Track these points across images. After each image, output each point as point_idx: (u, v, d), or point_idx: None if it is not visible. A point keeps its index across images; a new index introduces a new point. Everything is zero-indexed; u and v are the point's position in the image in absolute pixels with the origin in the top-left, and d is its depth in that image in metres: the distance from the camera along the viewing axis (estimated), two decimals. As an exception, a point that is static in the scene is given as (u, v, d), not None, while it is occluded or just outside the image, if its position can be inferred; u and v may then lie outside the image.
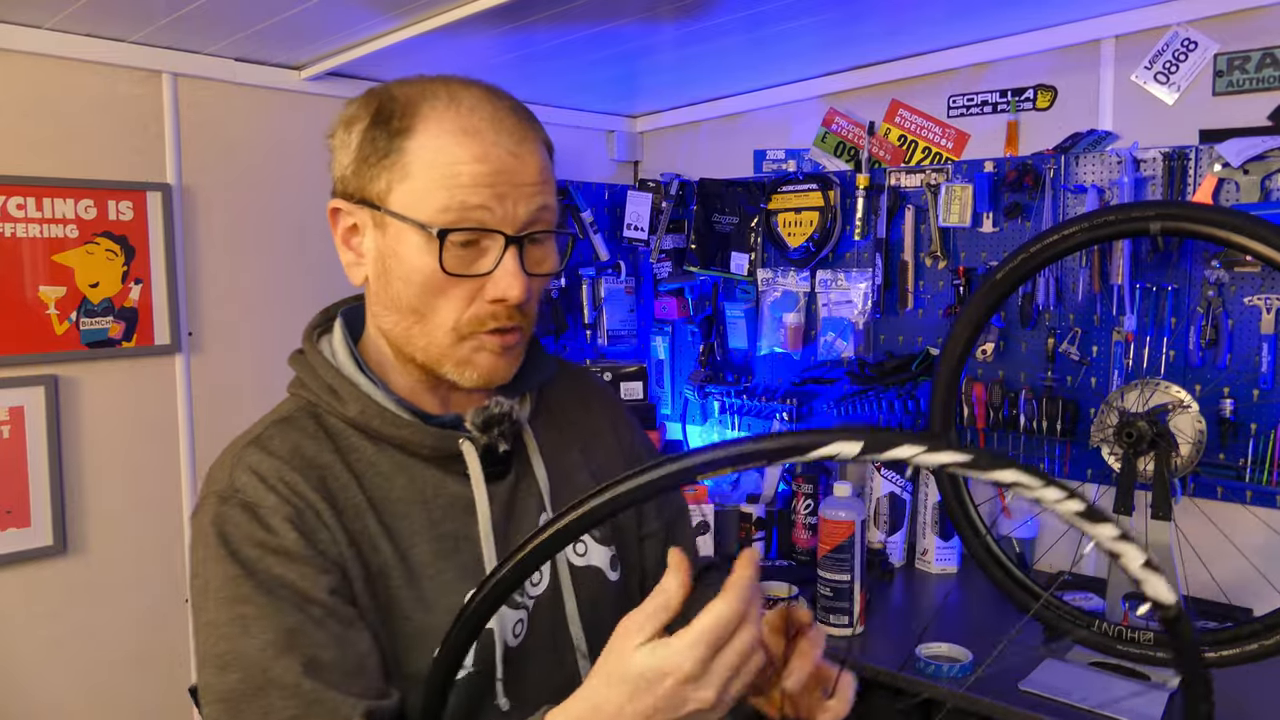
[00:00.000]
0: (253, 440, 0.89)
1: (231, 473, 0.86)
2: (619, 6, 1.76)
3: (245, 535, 0.82)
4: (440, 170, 0.84)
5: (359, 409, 0.90)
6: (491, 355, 0.90)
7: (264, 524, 0.83)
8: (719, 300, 2.74)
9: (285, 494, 0.84)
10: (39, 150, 1.81)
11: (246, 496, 0.84)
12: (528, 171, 0.87)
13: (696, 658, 0.68)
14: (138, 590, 1.97)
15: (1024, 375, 2.16)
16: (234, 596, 0.80)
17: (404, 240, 0.87)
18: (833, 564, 1.80)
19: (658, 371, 2.89)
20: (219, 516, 0.84)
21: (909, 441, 0.61)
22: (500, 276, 0.86)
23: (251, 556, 0.82)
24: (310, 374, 0.94)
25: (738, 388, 2.61)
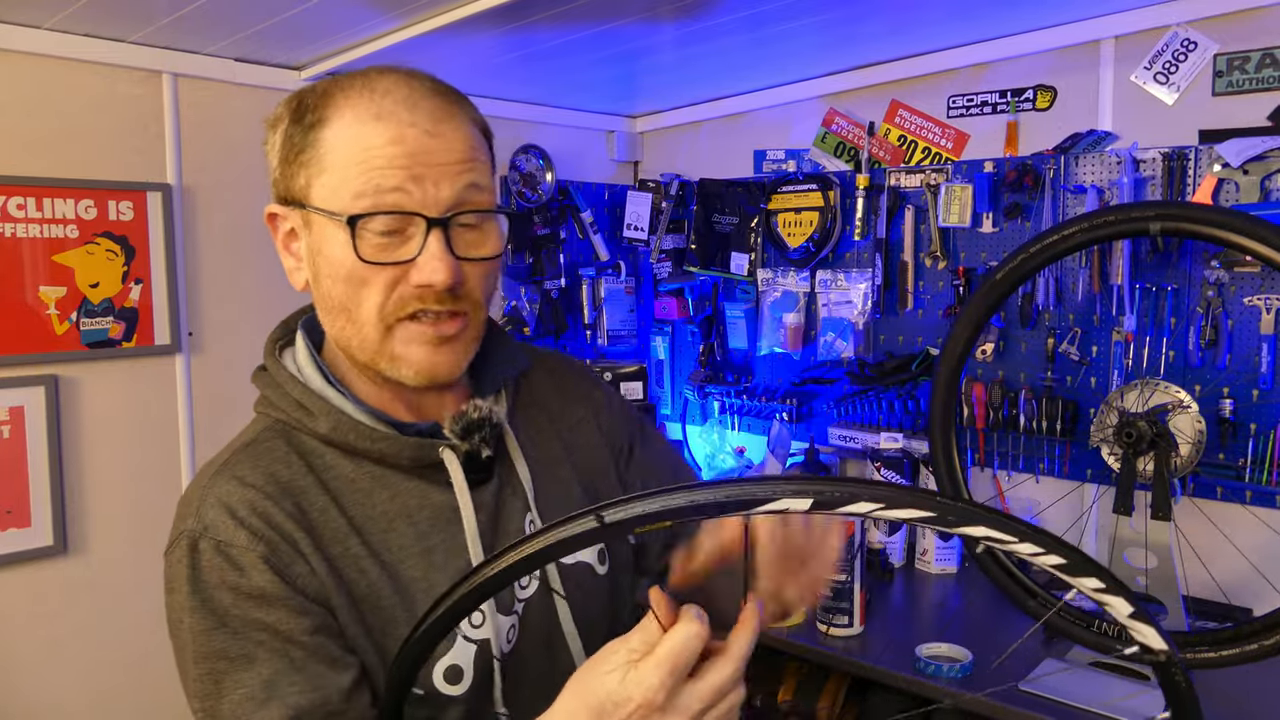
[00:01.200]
0: (221, 469, 0.85)
1: (199, 508, 0.82)
2: (619, 6, 1.76)
3: (218, 580, 0.79)
4: (353, 158, 0.80)
5: (331, 425, 0.85)
6: (426, 347, 0.84)
7: (236, 566, 0.79)
8: (719, 300, 2.74)
9: (259, 528, 0.80)
10: (39, 150, 1.81)
11: (217, 535, 0.80)
12: (449, 150, 0.82)
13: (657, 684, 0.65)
14: (138, 590, 1.97)
15: (1024, 375, 2.16)
16: (207, 651, 0.78)
17: (327, 235, 0.83)
18: (833, 564, 1.80)
19: (658, 371, 2.89)
20: (192, 560, 0.80)
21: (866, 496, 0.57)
22: (424, 261, 0.80)
23: (225, 603, 0.78)
24: (277, 391, 0.89)
25: (738, 388, 2.62)
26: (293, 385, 0.88)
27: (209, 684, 0.77)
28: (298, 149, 0.83)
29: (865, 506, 0.57)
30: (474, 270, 0.85)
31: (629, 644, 0.68)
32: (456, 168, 0.82)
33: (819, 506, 0.57)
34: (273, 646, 0.77)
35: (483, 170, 0.85)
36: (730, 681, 0.67)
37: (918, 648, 1.68)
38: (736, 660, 0.68)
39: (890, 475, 2.21)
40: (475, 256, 0.84)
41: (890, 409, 2.34)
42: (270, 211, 0.90)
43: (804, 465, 2.38)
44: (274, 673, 0.76)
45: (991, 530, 0.56)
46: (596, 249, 2.75)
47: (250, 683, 0.76)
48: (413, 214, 0.80)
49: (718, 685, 0.67)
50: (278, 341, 0.95)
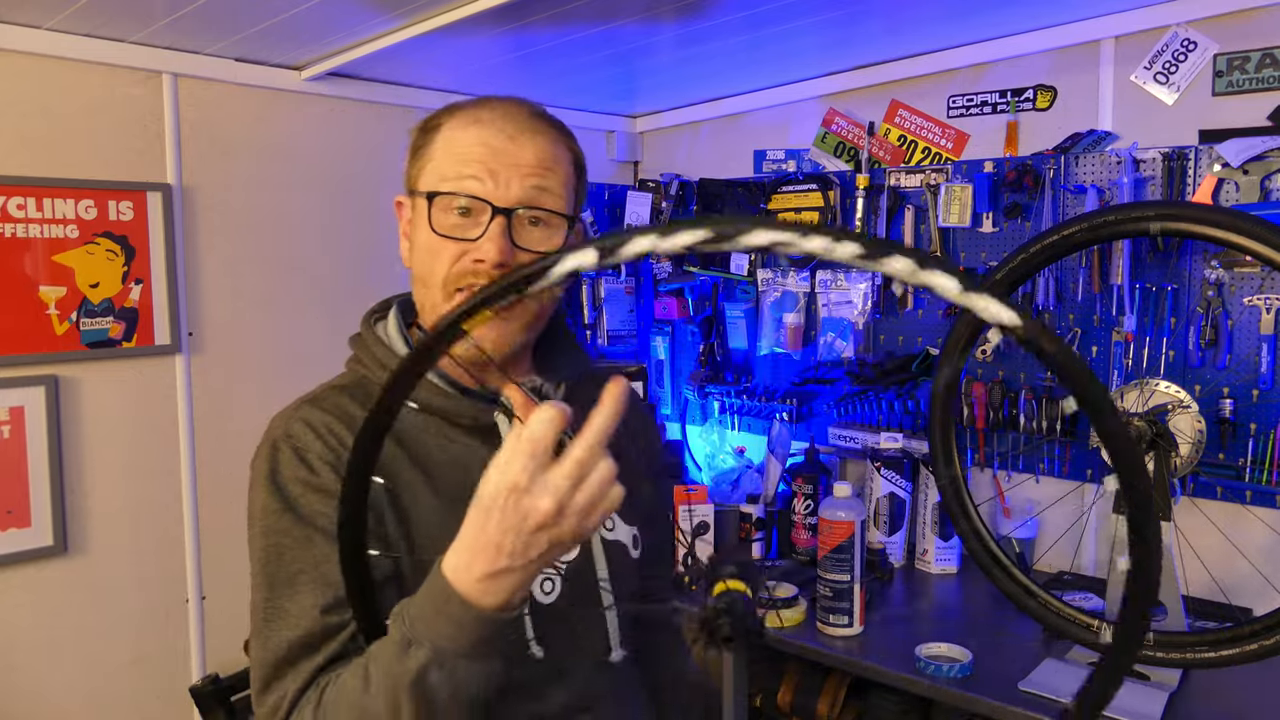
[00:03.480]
0: (310, 399, 1.01)
1: (288, 423, 0.98)
2: (619, 6, 1.76)
3: (291, 474, 0.94)
4: (450, 151, 0.98)
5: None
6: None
7: (309, 465, 0.94)
8: (719, 300, 2.74)
9: (331, 443, 0.95)
10: (39, 150, 1.81)
11: (297, 442, 0.95)
12: (525, 154, 0.97)
13: (519, 468, 0.70)
14: (138, 590, 1.97)
15: (1024, 375, 2.16)
16: (274, 527, 0.93)
17: (419, 212, 1.00)
18: (833, 564, 1.80)
19: (658, 371, 2.89)
20: (272, 456, 0.95)
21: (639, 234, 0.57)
22: (482, 240, 0.95)
23: (295, 492, 0.93)
24: (364, 350, 1.05)
25: (738, 388, 2.62)
26: (379, 346, 1.04)
27: (273, 554, 0.92)
28: (417, 146, 1.03)
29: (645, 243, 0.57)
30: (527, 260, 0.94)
31: (505, 444, 0.73)
32: (528, 169, 0.97)
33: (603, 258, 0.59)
34: (327, 533, 0.91)
35: (555, 180, 0.99)
36: (590, 454, 0.71)
37: (918, 648, 1.68)
38: (592, 436, 0.71)
39: (891, 475, 2.21)
40: (534, 249, 0.97)
41: (890, 409, 2.34)
42: (397, 200, 1.08)
43: (804, 465, 2.38)
44: (325, 555, 0.90)
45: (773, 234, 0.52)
46: (596, 249, 2.75)
47: (304, 560, 0.91)
48: (482, 200, 0.95)
49: (577, 459, 0.70)
50: (374, 314, 1.10)
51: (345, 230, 2.28)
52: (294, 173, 2.18)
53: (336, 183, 2.26)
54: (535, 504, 0.70)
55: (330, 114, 2.23)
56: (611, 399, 0.71)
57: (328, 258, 2.25)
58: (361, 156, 2.30)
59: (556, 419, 0.70)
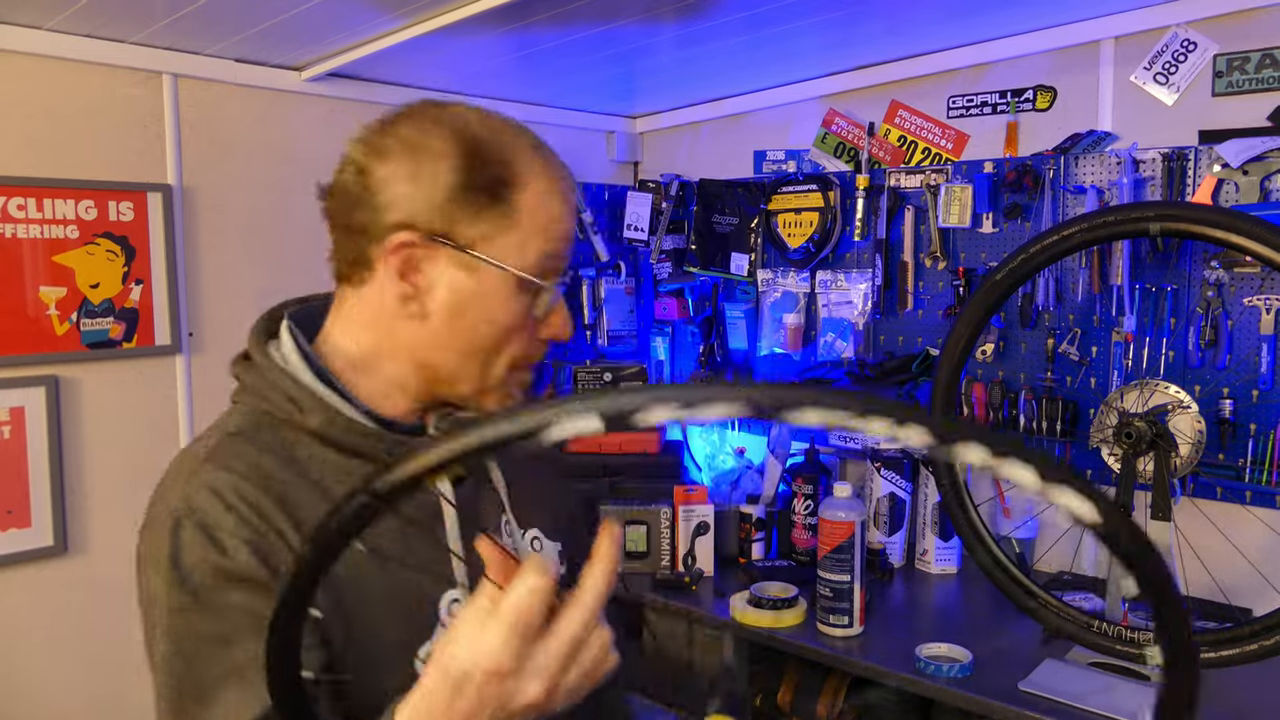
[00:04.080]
0: (209, 456, 0.86)
1: (186, 491, 0.83)
2: (619, 6, 1.76)
3: (199, 559, 0.79)
4: (541, 225, 0.88)
5: (322, 420, 0.87)
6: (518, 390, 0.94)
7: (220, 547, 0.79)
8: (719, 301, 2.74)
9: (246, 515, 0.81)
10: (39, 150, 1.81)
11: (204, 518, 0.80)
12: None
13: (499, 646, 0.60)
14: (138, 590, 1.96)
15: (1024, 375, 2.16)
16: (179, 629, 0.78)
17: (496, 286, 0.87)
18: (833, 564, 1.80)
19: (658, 372, 2.89)
20: (173, 537, 0.80)
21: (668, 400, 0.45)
22: (558, 318, 0.92)
23: (203, 583, 0.78)
24: (265, 383, 0.91)
25: (738, 388, 2.61)
26: (283, 379, 0.90)
27: (180, 663, 0.78)
28: (485, 201, 0.85)
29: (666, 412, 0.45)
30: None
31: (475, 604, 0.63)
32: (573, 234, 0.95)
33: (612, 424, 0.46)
34: (249, 629, 0.77)
35: None
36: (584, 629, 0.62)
37: (918, 648, 1.68)
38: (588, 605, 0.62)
39: (891, 475, 2.21)
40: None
41: (890, 409, 2.33)
42: (406, 241, 0.86)
43: (804, 466, 2.38)
44: (245, 655, 0.76)
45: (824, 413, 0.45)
46: (596, 249, 2.75)
47: (220, 667, 0.76)
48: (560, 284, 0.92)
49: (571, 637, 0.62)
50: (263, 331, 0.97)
51: (345, 230, 2.28)
52: (294, 173, 2.18)
53: (337, 183, 2.26)
54: (522, 688, 0.61)
55: (330, 114, 2.23)
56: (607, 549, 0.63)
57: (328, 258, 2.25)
58: (361, 157, 2.30)
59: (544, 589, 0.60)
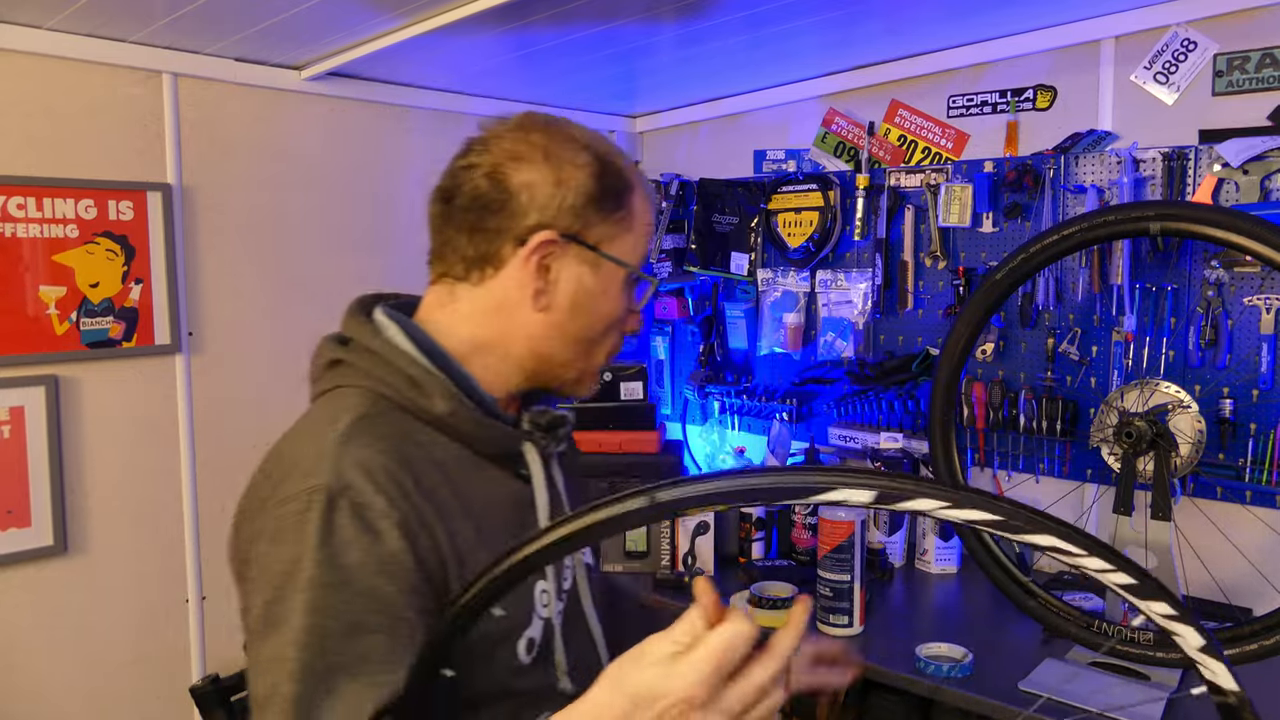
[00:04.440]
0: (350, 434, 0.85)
1: (336, 466, 0.82)
2: (619, 6, 1.76)
3: (352, 540, 0.80)
4: (643, 224, 1.01)
5: (450, 407, 0.90)
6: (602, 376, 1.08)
7: (372, 529, 0.80)
8: (719, 300, 2.74)
9: (395, 496, 0.82)
10: (39, 150, 1.81)
11: (358, 498, 0.81)
12: None
13: (700, 679, 0.63)
14: (138, 590, 1.97)
15: (1024, 375, 2.16)
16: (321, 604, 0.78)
17: (612, 282, 0.99)
18: (833, 564, 1.80)
19: (658, 371, 2.89)
20: (327, 513, 0.80)
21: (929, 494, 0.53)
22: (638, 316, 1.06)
23: (353, 564, 0.79)
24: (384, 366, 0.91)
25: (738, 388, 2.61)
26: (408, 362, 0.91)
27: (315, 638, 0.77)
28: (611, 206, 0.96)
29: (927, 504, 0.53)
30: None
31: (671, 636, 0.66)
32: None
33: (881, 500, 0.54)
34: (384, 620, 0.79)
35: None
36: (772, 681, 0.66)
37: (918, 648, 1.68)
38: (779, 660, 0.66)
39: (890, 475, 2.21)
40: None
41: (890, 409, 2.34)
42: (547, 239, 0.93)
43: (804, 465, 2.38)
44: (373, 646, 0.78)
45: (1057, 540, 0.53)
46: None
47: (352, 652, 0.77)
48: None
49: (760, 684, 0.65)
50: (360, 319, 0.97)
51: (345, 230, 2.28)
52: (294, 173, 2.18)
53: (336, 183, 2.26)
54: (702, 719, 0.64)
55: (330, 114, 2.23)
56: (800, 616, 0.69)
57: (328, 258, 2.25)
58: (362, 156, 2.30)
59: (751, 637, 0.65)
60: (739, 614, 0.65)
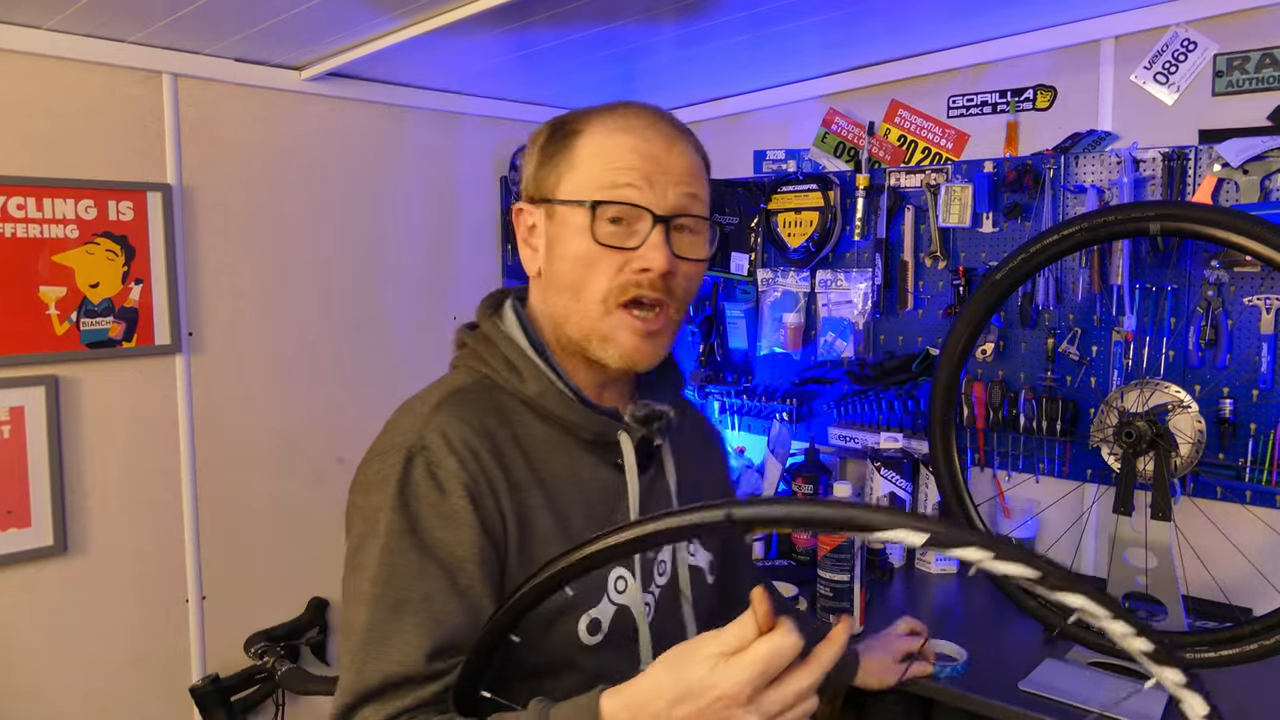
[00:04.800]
0: (439, 405, 0.95)
1: (423, 431, 0.93)
2: (619, 6, 1.76)
3: (421, 493, 0.90)
4: (600, 158, 0.97)
5: (539, 388, 0.98)
6: (633, 335, 0.98)
7: (440, 486, 0.90)
8: (719, 300, 2.74)
9: (466, 460, 0.91)
10: (39, 150, 1.81)
11: (431, 456, 0.91)
12: (677, 163, 0.98)
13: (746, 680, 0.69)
14: (138, 590, 1.97)
15: (1024, 375, 2.16)
16: (393, 546, 0.89)
17: (568, 222, 0.97)
18: (833, 564, 1.80)
19: (658, 371, 2.89)
20: (405, 468, 0.91)
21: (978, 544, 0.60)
22: (646, 249, 0.95)
23: (421, 514, 0.90)
24: (491, 350, 1.01)
25: (738, 388, 2.62)
26: (509, 347, 1.00)
27: (384, 575, 0.88)
28: (551, 154, 1.00)
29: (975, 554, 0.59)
30: (684, 268, 0.99)
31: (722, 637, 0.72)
32: (681, 177, 0.98)
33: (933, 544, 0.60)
34: (445, 565, 0.89)
35: (701, 187, 1.01)
36: (809, 690, 0.71)
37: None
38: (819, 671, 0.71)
39: (891, 475, 2.21)
40: (688, 255, 0.99)
41: (890, 409, 2.34)
42: (518, 208, 1.05)
43: (804, 465, 2.38)
44: (437, 587, 0.88)
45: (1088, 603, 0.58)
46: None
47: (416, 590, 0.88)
48: (642, 208, 0.95)
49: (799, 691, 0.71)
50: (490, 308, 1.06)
51: (345, 230, 2.28)
52: (294, 173, 2.18)
53: (336, 183, 2.26)
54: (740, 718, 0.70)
55: (330, 114, 2.23)
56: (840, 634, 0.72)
57: (328, 258, 2.25)
58: (361, 156, 2.30)
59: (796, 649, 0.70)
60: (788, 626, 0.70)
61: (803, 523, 0.64)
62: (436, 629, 0.86)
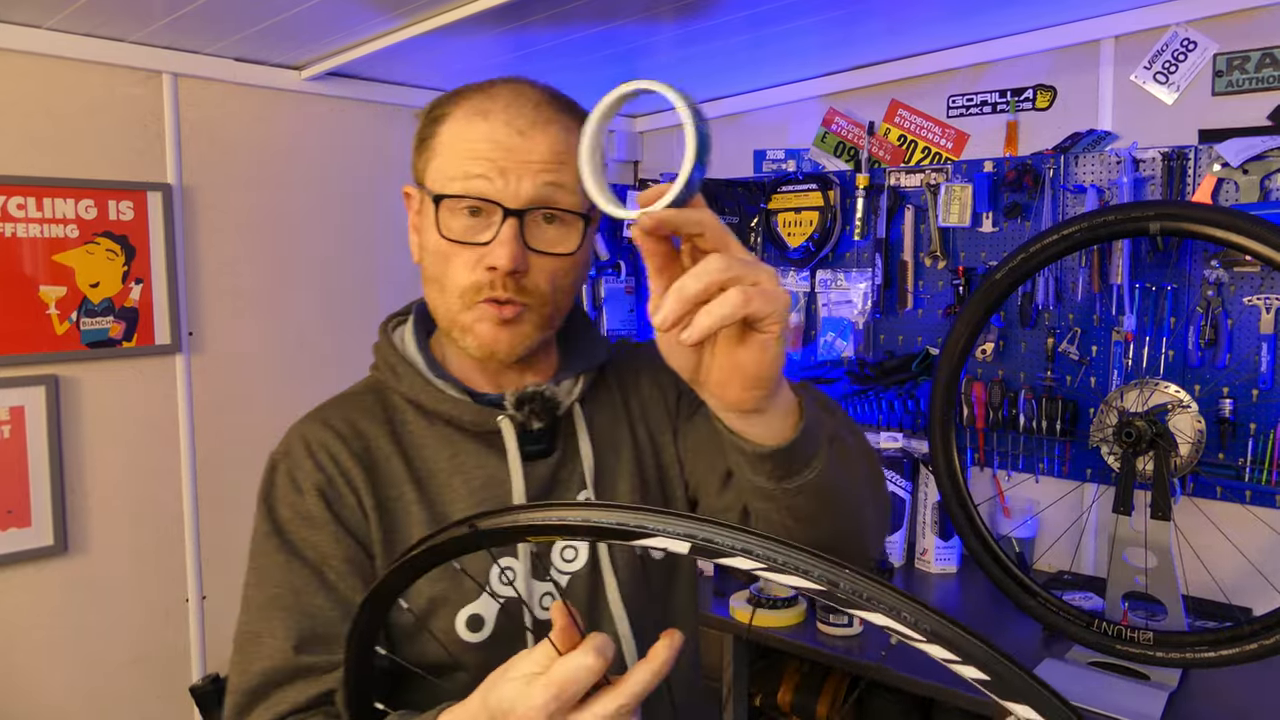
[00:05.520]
0: (314, 412, 1.00)
1: (289, 439, 0.98)
2: (619, 6, 1.76)
3: (282, 496, 0.94)
4: (455, 147, 0.92)
5: (409, 385, 0.98)
6: (490, 325, 0.93)
7: (298, 487, 0.94)
8: (719, 300, 2.73)
9: (323, 461, 0.94)
10: (39, 150, 1.81)
11: (291, 462, 0.95)
12: (536, 149, 0.90)
13: (539, 704, 0.64)
14: (138, 590, 1.97)
15: (1024, 375, 2.16)
16: (260, 549, 0.93)
17: (427, 212, 0.94)
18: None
19: (658, 371, 2.89)
20: (269, 475, 0.96)
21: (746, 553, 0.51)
22: (493, 246, 0.89)
23: (284, 516, 0.93)
24: (379, 355, 1.03)
25: (738, 388, 2.61)
26: (389, 352, 1.02)
27: (254, 575, 0.93)
28: (421, 139, 0.96)
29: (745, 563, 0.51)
30: (543, 263, 0.92)
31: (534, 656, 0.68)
32: (539, 166, 0.90)
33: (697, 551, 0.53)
34: (311, 562, 0.91)
35: (569, 173, 0.92)
36: (616, 714, 0.65)
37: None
38: (626, 697, 0.65)
39: (890, 475, 2.21)
40: (549, 251, 0.92)
41: (890, 409, 2.34)
42: (405, 191, 1.01)
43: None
44: (304, 582, 0.91)
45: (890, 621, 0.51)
46: (596, 249, 2.75)
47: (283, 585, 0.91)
48: (492, 202, 0.89)
49: (602, 715, 0.65)
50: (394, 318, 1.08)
51: (345, 230, 2.29)
52: (294, 173, 2.18)
53: (336, 183, 2.26)
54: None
55: (330, 114, 2.23)
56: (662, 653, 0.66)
57: (328, 258, 2.25)
58: (361, 156, 2.30)
59: (596, 671, 0.64)
60: (592, 645, 0.65)
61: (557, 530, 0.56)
62: (302, 620, 0.89)
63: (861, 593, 0.50)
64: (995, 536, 1.78)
